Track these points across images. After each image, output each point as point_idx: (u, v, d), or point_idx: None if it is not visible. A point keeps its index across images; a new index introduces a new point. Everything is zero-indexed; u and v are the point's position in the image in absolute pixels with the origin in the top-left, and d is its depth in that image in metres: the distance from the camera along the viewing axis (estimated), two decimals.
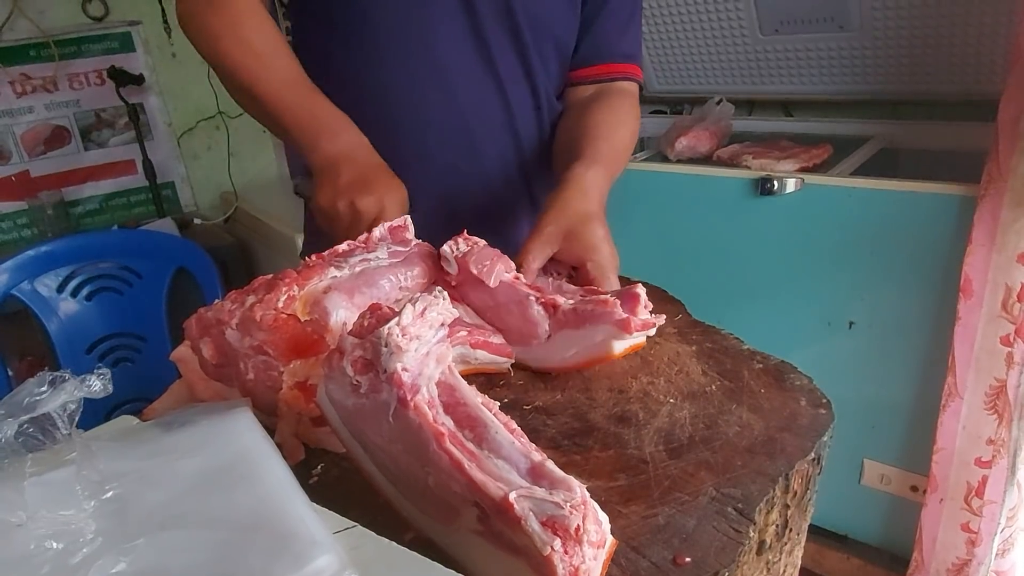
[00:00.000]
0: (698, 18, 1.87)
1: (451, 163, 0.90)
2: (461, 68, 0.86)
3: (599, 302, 0.61)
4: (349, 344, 0.43)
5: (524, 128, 0.92)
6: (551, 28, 0.89)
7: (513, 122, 0.91)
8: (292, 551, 0.33)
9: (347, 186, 0.73)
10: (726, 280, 1.63)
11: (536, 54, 0.89)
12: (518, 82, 0.89)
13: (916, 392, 1.44)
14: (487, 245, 0.67)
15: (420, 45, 0.84)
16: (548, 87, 0.93)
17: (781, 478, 0.50)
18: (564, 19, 0.89)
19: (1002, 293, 1.23)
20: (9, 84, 2.01)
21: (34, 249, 1.37)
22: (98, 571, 0.30)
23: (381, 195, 0.73)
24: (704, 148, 1.74)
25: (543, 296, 0.63)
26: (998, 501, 1.31)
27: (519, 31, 0.86)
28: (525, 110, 0.92)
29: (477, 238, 0.68)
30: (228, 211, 2.24)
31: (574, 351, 0.62)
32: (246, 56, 0.78)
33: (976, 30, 1.51)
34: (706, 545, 0.44)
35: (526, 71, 0.89)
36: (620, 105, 0.91)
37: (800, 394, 0.60)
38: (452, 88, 0.87)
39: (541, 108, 0.93)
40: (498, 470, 0.40)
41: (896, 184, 1.36)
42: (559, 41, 0.90)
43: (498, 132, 0.91)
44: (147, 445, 0.40)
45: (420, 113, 0.87)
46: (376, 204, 0.73)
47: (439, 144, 0.89)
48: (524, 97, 0.91)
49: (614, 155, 0.84)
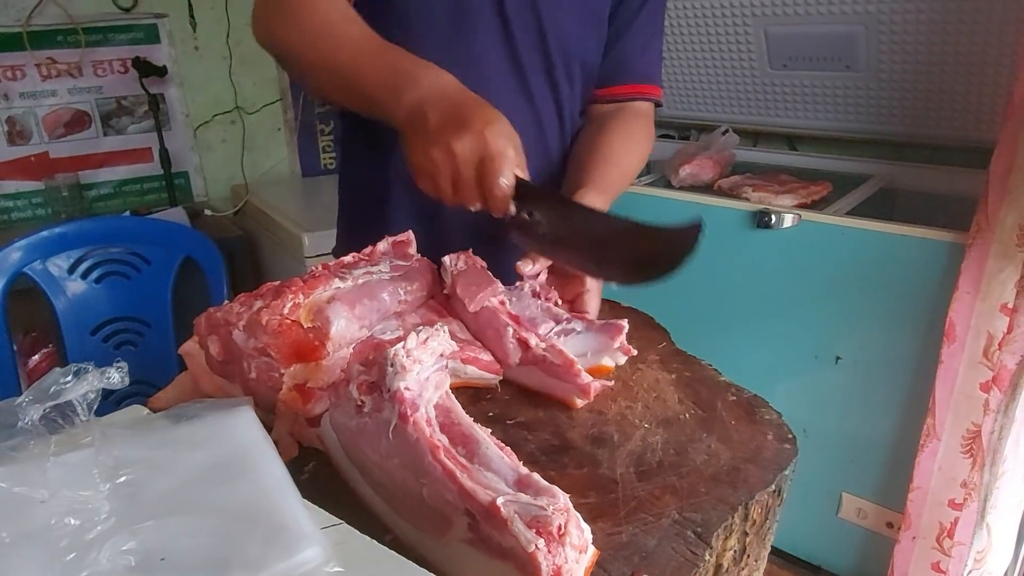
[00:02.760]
0: (710, 48, 1.92)
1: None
2: (500, 91, 0.88)
3: (566, 362, 0.62)
4: (355, 370, 0.49)
5: (552, 142, 0.97)
6: (579, 53, 0.93)
7: (544, 138, 0.95)
8: (283, 542, 0.36)
9: (437, 130, 0.63)
10: (718, 308, 1.66)
11: (563, 76, 0.93)
12: (546, 101, 0.94)
13: (896, 430, 1.47)
14: (484, 267, 0.71)
15: (464, 70, 0.88)
16: (572, 105, 0.97)
17: (741, 507, 0.54)
18: (591, 44, 0.94)
19: (984, 340, 1.26)
20: (35, 67, 2.06)
21: (48, 230, 1.40)
22: (111, 548, 0.34)
23: (480, 130, 0.63)
24: (707, 176, 1.78)
25: (518, 332, 0.65)
26: (967, 543, 1.34)
27: (550, 55, 0.90)
28: (552, 127, 0.96)
29: (478, 258, 0.72)
30: (238, 204, 2.28)
31: (538, 385, 0.66)
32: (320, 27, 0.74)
33: (978, 79, 1.55)
34: (663, 564, 0.48)
35: (553, 91, 0.94)
36: (635, 127, 0.96)
37: (768, 428, 0.63)
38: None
39: (564, 123, 0.97)
40: (488, 480, 0.44)
41: (889, 227, 1.40)
42: (585, 64, 0.94)
43: (531, 148, 0.95)
44: (157, 435, 0.44)
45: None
46: (476, 142, 0.62)
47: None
48: (551, 115, 0.95)
49: (620, 180, 0.89)
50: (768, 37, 1.79)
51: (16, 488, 0.36)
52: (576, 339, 0.68)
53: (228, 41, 2.23)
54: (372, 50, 0.72)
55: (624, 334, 0.66)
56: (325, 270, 0.65)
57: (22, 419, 0.38)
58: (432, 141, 0.63)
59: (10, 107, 2.06)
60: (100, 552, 0.34)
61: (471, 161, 0.63)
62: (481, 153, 0.63)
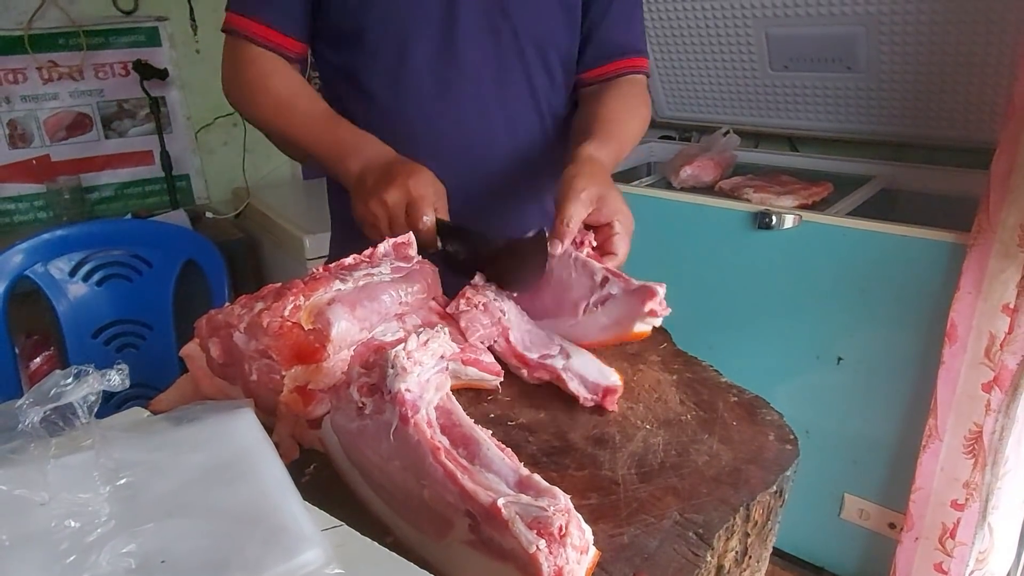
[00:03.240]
0: (711, 50, 1.92)
1: (460, 186, 0.95)
2: (476, 82, 0.92)
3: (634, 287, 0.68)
4: (356, 372, 0.48)
5: (528, 136, 0.98)
6: (550, 42, 0.95)
7: (516, 131, 0.97)
8: (283, 544, 0.36)
9: (373, 188, 0.77)
10: (720, 309, 1.66)
11: (540, 68, 0.95)
12: (521, 99, 0.96)
13: (898, 431, 1.47)
14: (484, 312, 0.72)
15: (442, 61, 0.91)
16: (551, 97, 0.99)
17: (742, 507, 0.53)
18: (561, 33, 0.95)
19: (986, 340, 1.26)
20: (37, 70, 2.06)
21: (49, 233, 1.40)
22: (111, 550, 0.34)
23: (403, 182, 0.76)
24: (708, 178, 1.78)
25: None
26: (969, 544, 1.34)
27: (523, 52, 0.93)
28: (528, 120, 0.98)
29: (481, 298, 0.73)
30: (240, 207, 2.28)
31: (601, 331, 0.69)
32: (276, 106, 0.89)
33: (978, 80, 1.55)
34: (665, 565, 0.48)
35: (530, 87, 0.96)
36: (630, 92, 0.98)
37: (770, 429, 0.63)
38: (461, 114, 0.93)
39: (545, 119, 0.99)
40: (488, 481, 0.44)
41: (890, 227, 1.39)
42: (559, 52, 0.96)
43: (503, 142, 0.97)
44: (157, 437, 0.44)
45: (433, 143, 0.93)
46: (402, 192, 0.75)
47: (447, 164, 0.94)
48: (527, 109, 0.97)
49: (623, 137, 0.91)
50: (769, 39, 1.79)
51: (16, 490, 0.36)
52: (613, 304, 0.69)
53: None
54: (321, 127, 0.87)
55: (658, 299, 0.66)
56: (326, 272, 0.65)
57: (22, 422, 0.38)
58: (370, 196, 0.77)
59: (11, 110, 2.06)
60: (100, 554, 0.34)
61: (400, 205, 0.76)
62: (407, 199, 0.75)
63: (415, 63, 0.90)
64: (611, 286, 0.70)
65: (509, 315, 0.73)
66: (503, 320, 0.72)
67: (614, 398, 0.64)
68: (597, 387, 0.65)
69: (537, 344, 0.71)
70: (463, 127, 0.93)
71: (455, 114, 0.93)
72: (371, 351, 0.59)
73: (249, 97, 0.91)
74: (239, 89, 0.92)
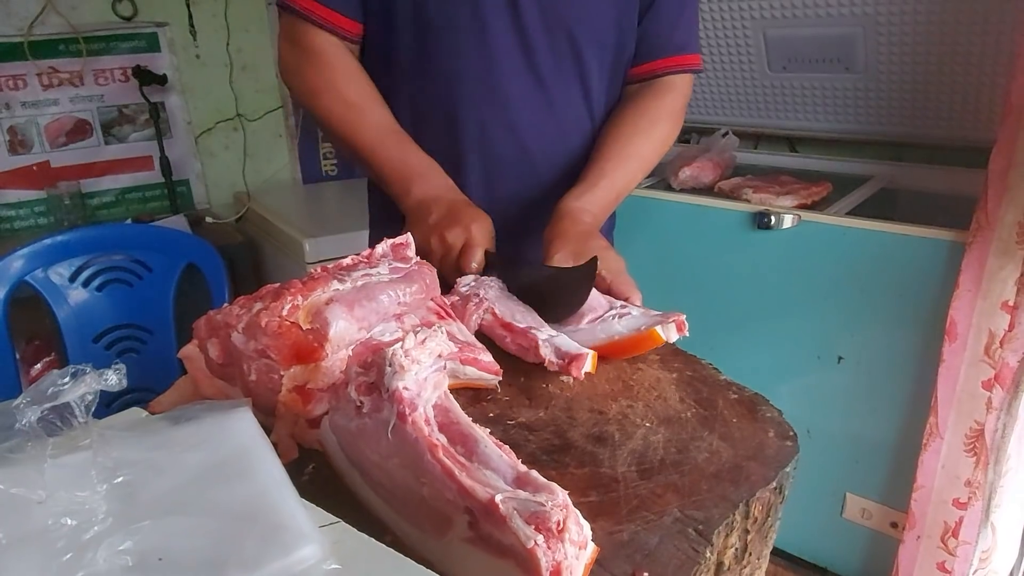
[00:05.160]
0: (710, 52, 1.92)
1: (514, 191, 0.97)
2: (509, 73, 0.92)
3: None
4: (354, 372, 0.49)
5: (571, 126, 0.97)
6: (593, 33, 0.93)
7: (559, 122, 0.96)
8: (280, 540, 0.36)
9: (436, 223, 0.82)
10: (720, 309, 1.66)
11: (595, 74, 0.95)
12: (563, 85, 0.94)
13: (899, 430, 1.46)
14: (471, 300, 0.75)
15: (484, 84, 0.91)
16: (603, 99, 0.98)
17: (742, 504, 0.53)
18: (605, 23, 0.93)
19: (985, 338, 1.26)
20: (37, 76, 2.07)
21: (50, 238, 1.41)
22: (108, 548, 0.34)
23: (467, 225, 0.81)
24: (707, 179, 1.78)
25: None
26: (972, 542, 1.33)
27: (559, 37, 0.91)
28: (572, 110, 0.97)
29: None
30: (240, 211, 2.29)
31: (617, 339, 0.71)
32: (344, 110, 0.90)
33: (976, 79, 1.55)
34: (665, 562, 0.47)
35: (574, 73, 0.94)
36: (654, 105, 0.96)
37: (770, 426, 0.63)
38: (512, 117, 0.94)
39: (593, 108, 0.98)
40: (486, 478, 0.44)
41: (889, 226, 1.40)
42: (604, 44, 0.94)
43: (544, 133, 0.96)
44: (155, 437, 0.44)
45: (485, 145, 0.95)
46: (463, 234, 0.81)
47: (501, 170, 0.96)
48: (574, 99, 0.96)
49: (618, 174, 0.92)
50: (767, 40, 1.80)
51: (13, 489, 0.36)
52: (631, 319, 0.72)
53: (228, 49, 2.25)
54: (391, 144, 0.89)
55: (684, 317, 0.68)
56: (324, 272, 0.65)
57: (19, 421, 0.38)
58: (432, 231, 0.82)
59: (12, 116, 2.07)
60: (97, 552, 0.34)
61: (457, 248, 0.81)
62: (464, 242, 0.81)
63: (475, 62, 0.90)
64: (631, 308, 0.74)
65: (492, 299, 0.75)
66: (487, 302, 0.74)
67: (580, 365, 0.64)
68: (567, 355, 0.65)
69: (526, 321, 0.73)
70: (515, 130, 0.94)
71: (505, 116, 0.94)
72: (369, 351, 0.59)
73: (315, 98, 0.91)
74: (303, 84, 0.92)
